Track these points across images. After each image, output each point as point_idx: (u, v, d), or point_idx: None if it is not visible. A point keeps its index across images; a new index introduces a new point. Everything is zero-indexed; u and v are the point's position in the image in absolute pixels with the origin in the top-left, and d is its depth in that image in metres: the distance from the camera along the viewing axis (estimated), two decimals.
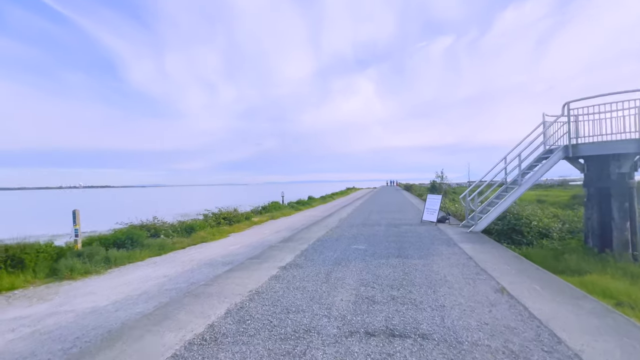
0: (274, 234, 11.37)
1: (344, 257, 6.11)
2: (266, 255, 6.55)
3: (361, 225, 10.13)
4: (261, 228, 13.30)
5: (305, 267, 5.53)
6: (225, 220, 13.61)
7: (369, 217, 12.20)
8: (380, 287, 4.36)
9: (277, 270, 5.36)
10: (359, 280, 4.67)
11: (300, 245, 7.46)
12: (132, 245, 8.70)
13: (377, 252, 6.48)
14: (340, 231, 9.11)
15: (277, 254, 6.69)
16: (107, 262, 7.52)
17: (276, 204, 20.15)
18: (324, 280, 4.72)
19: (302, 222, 14.62)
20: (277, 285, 4.58)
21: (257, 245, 9.34)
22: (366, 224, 10.40)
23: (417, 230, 9.08)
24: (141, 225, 10.49)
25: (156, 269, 7.25)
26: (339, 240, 7.94)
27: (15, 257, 6.66)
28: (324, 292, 4.20)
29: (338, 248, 7.03)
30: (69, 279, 6.60)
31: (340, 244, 7.39)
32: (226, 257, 8.10)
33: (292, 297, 4.07)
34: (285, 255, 6.47)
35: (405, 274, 4.95)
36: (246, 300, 4.01)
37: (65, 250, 7.66)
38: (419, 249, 6.74)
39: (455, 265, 5.40)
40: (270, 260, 6.10)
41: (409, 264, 5.49)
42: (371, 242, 7.61)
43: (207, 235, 11.07)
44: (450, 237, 7.96)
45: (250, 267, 5.63)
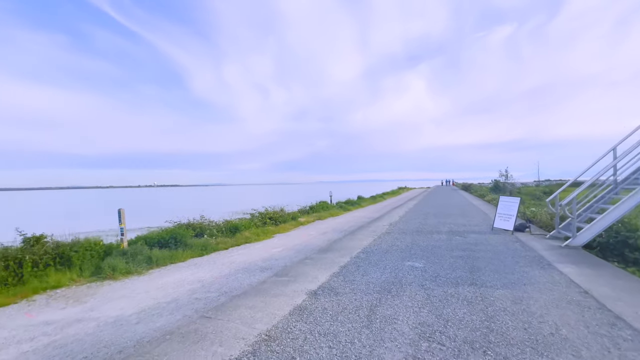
0: (319, 236, 10.51)
1: (395, 280, 4.78)
2: (296, 272, 5.56)
3: (416, 232, 8.73)
4: (307, 229, 12.56)
5: (342, 293, 4.28)
6: (271, 220, 13.17)
7: (425, 221, 10.64)
8: (452, 343, 2.77)
9: (304, 298, 4.20)
10: (417, 326, 3.14)
11: (340, 257, 6.40)
12: (176, 245, 8.53)
13: (441, 275, 5.06)
14: (391, 239, 7.88)
15: (310, 270, 5.64)
16: (149, 263, 7.35)
17: (324, 203, 19.38)
18: (364, 322, 3.31)
19: (349, 223, 13.57)
20: (298, 325, 3.33)
21: (299, 249, 8.55)
22: (423, 230, 8.99)
23: (490, 242, 7.41)
24: (188, 224, 10.44)
25: (194, 271, 6.85)
26: (389, 252, 6.67)
27: (64, 254, 6.76)
28: (363, 347, 2.79)
29: (388, 265, 5.73)
30: (110, 278, 6.48)
31: (391, 259, 6.11)
32: (266, 261, 7.42)
33: (315, 353, 2.74)
34: (319, 273, 5.38)
35: (488, 318, 3.25)
36: (248, 354, 2.80)
37: (114, 248, 7.70)
38: (499, 270, 5.09)
39: (566, 304, 3.58)
40: (299, 280, 5.07)
41: (490, 299, 3.80)
42: (431, 257, 6.18)
43: (252, 236, 10.64)
44: (539, 253, 6.16)
45: (272, 290, 4.59)
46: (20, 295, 5.57)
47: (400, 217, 11.39)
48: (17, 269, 6.06)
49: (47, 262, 6.49)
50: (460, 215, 11.77)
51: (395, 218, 11.32)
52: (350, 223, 13.69)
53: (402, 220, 10.86)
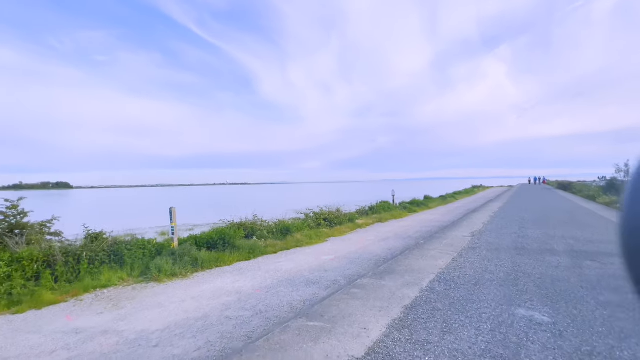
0: (378, 243, 9.23)
1: (507, 355, 2.57)
2: (338, 312, 3.62)
3: (516, 249, 6.44)
4: (365, 233, 11.35)
5: None
6: (325, 221, 12.30)
7: (523, 232, 8.12)
8: None
9: None
10: None
11: (405, 286, 4.36)
12: (224, 247, 8.19)
13: (600, 350, 2.59)
14: (479, 260, 5.72)
15: (359, 309, 3.67)
16: (195, 265, 7.07)
17: (386, 204, 17.84)
18: None
19: (414, 229, 11.90)
20: None
21: (353, 259, 7.43)
22: (525, 247, 6.66)
23: None
24: (240, 224, 10.16)
25: (236, 278, 6.29)
26: (482, 285, 4.38)
27: (118, 252, 6.83)
28: None
29: (485, 312, 3.49)
30: (155, 280, 6.29)
31: (488, 299, 3.87)
32: (314, 271, 6.50)
33: None
34: (370, 318, 3.41)
35: None
36: None
37: (165, 247, 7.65)
38: None
39: None
40: (338, 329, 3.14)
41: None
42: (559, 300, 3.75)
43: (303, 239, 9.89)
44: None
45: (293, 348, 2.81)
46: (72, 293, 5.62)
47: (485, 225, 9.14)
48: (75, 266, 6.21)
49: (102, 260, 6.58)
50: (575, 224, 9.00)
51: (478, 225, 9.12)
52: (416, 228, 12.02)
53: (488, 228, 8.45)
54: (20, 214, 7.44)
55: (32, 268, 5.85)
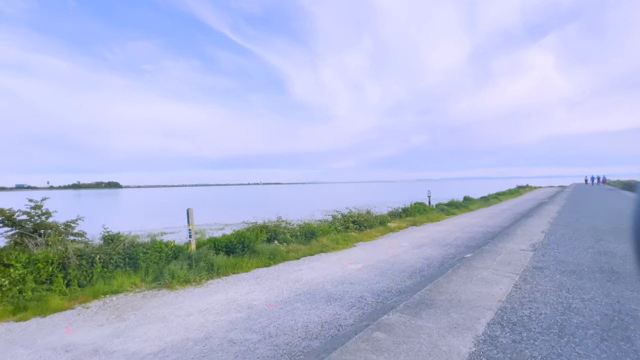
0: (412, 251, 8.20)
1: None
2: None
3: (601, 273, 4.63)
4: (397, 238, 10.32)
5: None
6: (354, 224, 11.42)
7: (601, 247, 6.25)
8: None
9: None
10: None
11: (453, 335, 2.81)
12: (243, 251, 7.66)
13: None
14: (553, 289, 4.01)
15: None
16: (210, 271, 6.58)
17: (421, 205, 16.51)
18: None
19: (454, 235, 10.64)
20: None
21: (385, 269, 6.51)
22: (615, 271, 4.73)
23: None
24: (262, 226, 9.63)
25: (251, 289, 5.67)
26: (570, 336, 2.75)
27: (133, 255, 6.52)
28: None
29: None
30: (167, 287, 5.87)
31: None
32: (338, 284, 5.70)
33: None
34: None
35: None
36: None
37: (183, 250, 7.27)
38: None
39: None
40: None
41: None
42: None
43: (329, 244, 9.12)
44: None
45: None
46: (81, 299, 5.34)
47: (546, 234, 7.29)
48: (88, 269, 5.97)
49: (117, 263, 6.30)
50: None
51: (536, 234, 7.26)
52: (457, 234, 10.75)
53: (553, 240, 6.71)
54: (45, 214, 7.45)
55: (47, 271, 5.67)
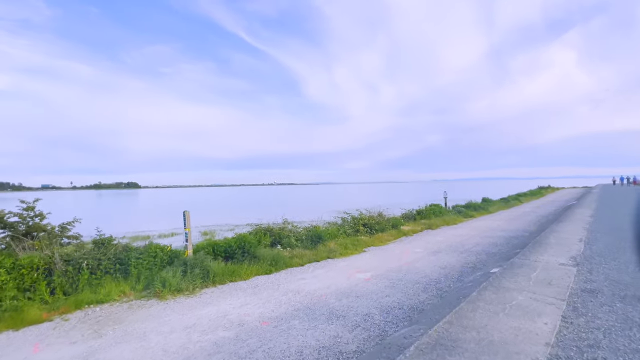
0: (427, 258, 7.47)
1: None
2: None
3: None
4: (411, 243, 9.57)
5: None
6: (365, 227, 10.73)
7: None
8: None
9: None
10: None
11: None
12: (243, 256, 7.13)
13: None
14: (622, 327, 2.96)
15: None
16: (205, 279, 6.07)
17: (436, 207, 15.62)
18: None
19: (473, 240, 9.80)
20: None
21: (396, 280, 5.83)
22: None
23: None
24: (267, 229, 9.10)
25: (246, 300, 5.13)
26: None
27: (125, 261, 6.10)
28: None
29: None
30: (157, 297, 5.40)
31: None
32: (343, 297, 5.07)
33: None
34: None
35: None
36: None
37: (180, 255, 6.81)
38: None
39: None
40: None
41: None
42: None
43: (337, 248, 8.49)
44: None
45: None
46: (62, 309, 4.92)
47: (585, 243, 5.94)
48: (75, 276, 5.56)
49: (107, 269, 5.88)
50: None
51: (574, 243, 5.87)
52: (476, 239, 9.91)
53: (596, 250, 5.44)
54: (38, 215, 7.15)
55: (31, 277, 5.30)
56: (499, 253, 7.63)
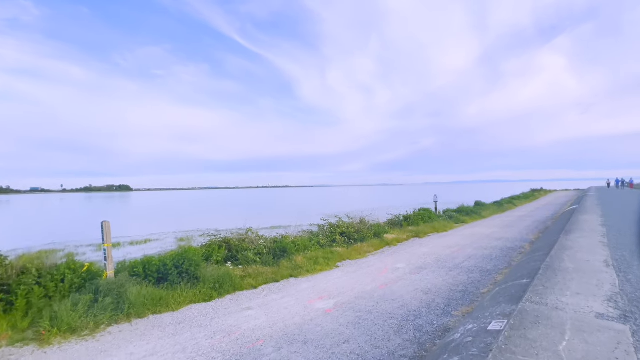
0: (408, 277, 6.16)
1: None
2: None
3: None
4: (393, 256, 8.25)
5: None
6: (342, 236, 9.39)
7: None
8: None
9: None
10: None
11: None
12: (181, 277, 5.73)
13: None
14: None
15: None
16: (117, 310, 4.66)
17: (426, 212, 14.35)
18: None
19: (465, 253, 8.54)
20: None
21: (365, 314, 4.48)
22: None
23: None
24: (223, 240, 7.72)
25: (157, 347, 3.75)
26: None
27: (12, 288, 4.65)
28: None
29: None
30: (37, 341, 3.97)
31: None
32: (286, 343, 3.70)
33: None
34: None
35: None
36: None
37: (98, 276, 5.39)
38: None
39: None
40: None
41: None
42: None
43: (305, 264, 7.13)
44: None
45: None
46: None
47: (616, 268, 4.15)
48: None
49: None
50: None
51: (600, 269, 4.04)
52: (468, 251, 8.65)
53: (635, 282, 3.61)
54: None
55: None
56: (495, 270, 6.36)
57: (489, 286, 5.35)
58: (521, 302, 2.58)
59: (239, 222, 20.70)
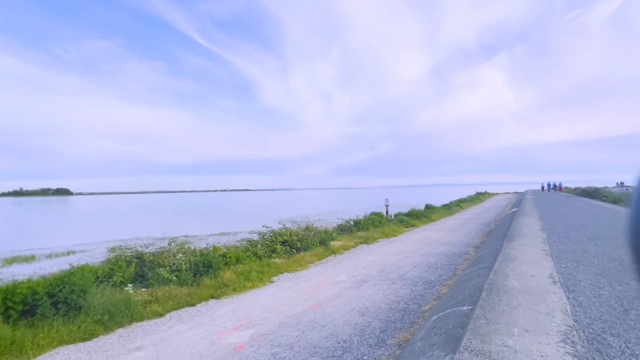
0: (347, 293, 5.46)
1: None
2: None
3: None
4: (336, 266, 7.55)
5: None
6: (284, 245, 8.51)
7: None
8: None
9: None
10: None
11: None
12: (57, 308, 4.42)
13: None
14: None
15: None
16: None
17: (377, 216, 14.00)
18: None
19: (411, 260, 8.14)
20: None
21: (285, 348, 3.63)
22: None
23: None
24: (136, 255, 6.44)
25: None
26: None
27: None
28: None
29: None
30: None
31: None
32: None
33: None
34: None
35: None
36: None
37: None
38: None
39: None
40: None
41: None
42: None
43: (234, 280, 6.13)
44: None
45: None
46: None
47: (564, 286, 3.53)
48: None
49: None
50: None
51: (547, 289, 3.40)
52: (415, 258, 8.25)
53: (589, 310, 2.86)
54: None
55: None
56: (440, 281, 5.91)
57: (432, 302, 4.82)
58: (458, 352, 1.89)
59: (183, 229, 18.90)
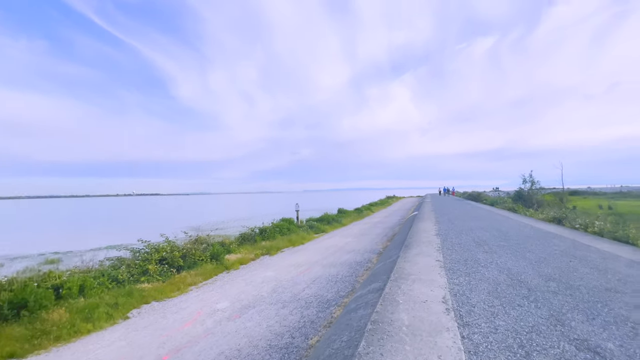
0: (222, 326, 4.35)
1: None
2: None
3: None
4: (223, 288, 6.32)
5: None
6: (162, 264, 6.87)
7: None
8: None
9: None
10: None
11: None
12: None
13: None
14: None
15: None
16: None
17: (286, 223, 13.14)
18: None
19: (312, 274, 7.46)
20: None
21: None
22: None
23: None
24: None
25: None
26: None
27: None
28: None
29: None
30: None
31: None
32: None
33: None
34: None
35: None
36: None
37: None
38: None
39: None
40: None
41: None
42: None
43: (65, 321, 4.37)
44: None
45: None
46: None
47: (454, 310, 3.28)
48: None
49: None
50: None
51: (438, 320, 3.07)
52: (316, 270, 7.58)
53: (482, 346, 2.57)
54: None
55: None
56: (336, 299, 5.26)
57: (322, 330, 4.07)
58: None
59: (54, 244, 14.84)
